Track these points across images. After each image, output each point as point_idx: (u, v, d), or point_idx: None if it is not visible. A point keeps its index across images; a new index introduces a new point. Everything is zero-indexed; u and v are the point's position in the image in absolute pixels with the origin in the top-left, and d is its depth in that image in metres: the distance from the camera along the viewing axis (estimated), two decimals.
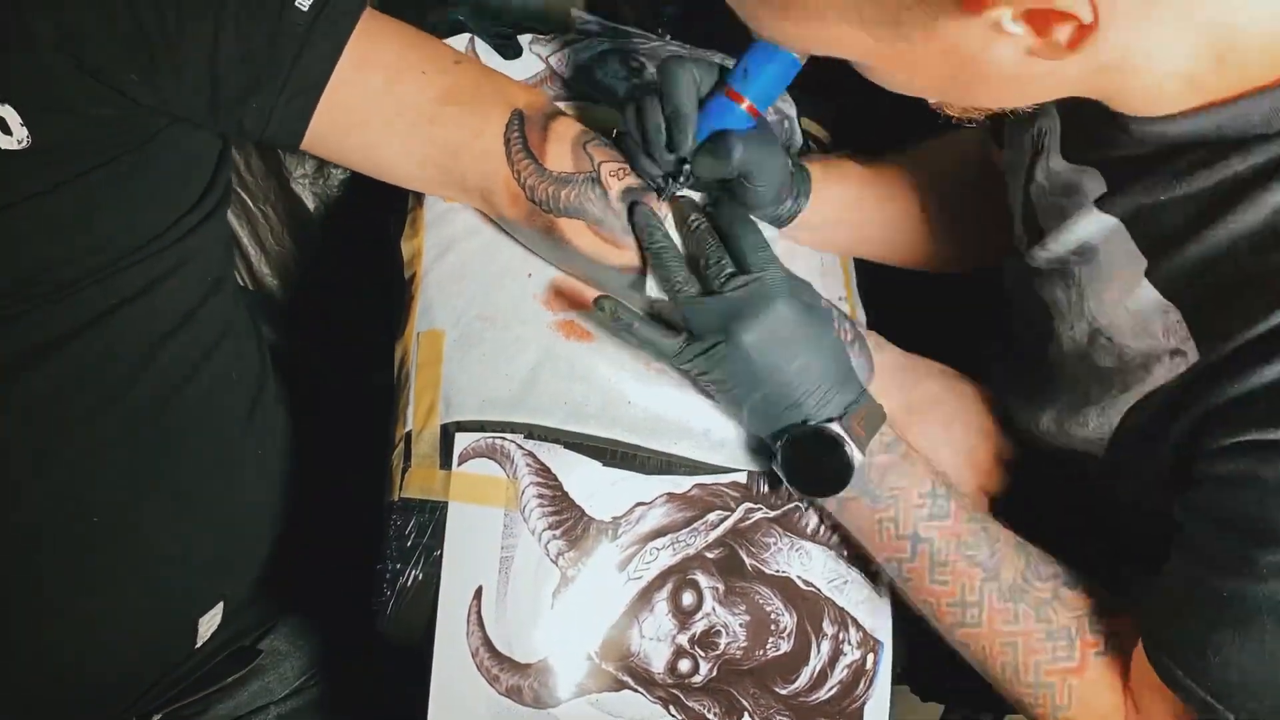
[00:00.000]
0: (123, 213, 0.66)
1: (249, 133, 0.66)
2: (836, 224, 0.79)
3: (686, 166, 0.69)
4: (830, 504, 0.69)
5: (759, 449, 0.72)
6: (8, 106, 0.59)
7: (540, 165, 0.69)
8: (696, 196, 0.73)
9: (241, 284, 0.94)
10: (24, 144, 0.60)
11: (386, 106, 0.67)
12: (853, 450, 0.64)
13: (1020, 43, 0.48)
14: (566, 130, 0.70)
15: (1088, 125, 0.58)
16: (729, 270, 0.66)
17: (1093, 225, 0.61)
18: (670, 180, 0.70)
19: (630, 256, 0.69)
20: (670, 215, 0.71)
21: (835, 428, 0.64)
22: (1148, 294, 0.58)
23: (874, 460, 0.66)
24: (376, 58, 0.66)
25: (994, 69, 0.50)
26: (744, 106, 0.67)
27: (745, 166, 0.68)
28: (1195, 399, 0.55)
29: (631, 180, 0.69)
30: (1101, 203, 0.60)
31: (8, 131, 0.59)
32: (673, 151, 0.68)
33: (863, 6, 0.49)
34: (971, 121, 0.58)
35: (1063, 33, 0.47)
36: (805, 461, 0.66)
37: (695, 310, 0.66)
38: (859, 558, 0.73)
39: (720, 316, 0.65)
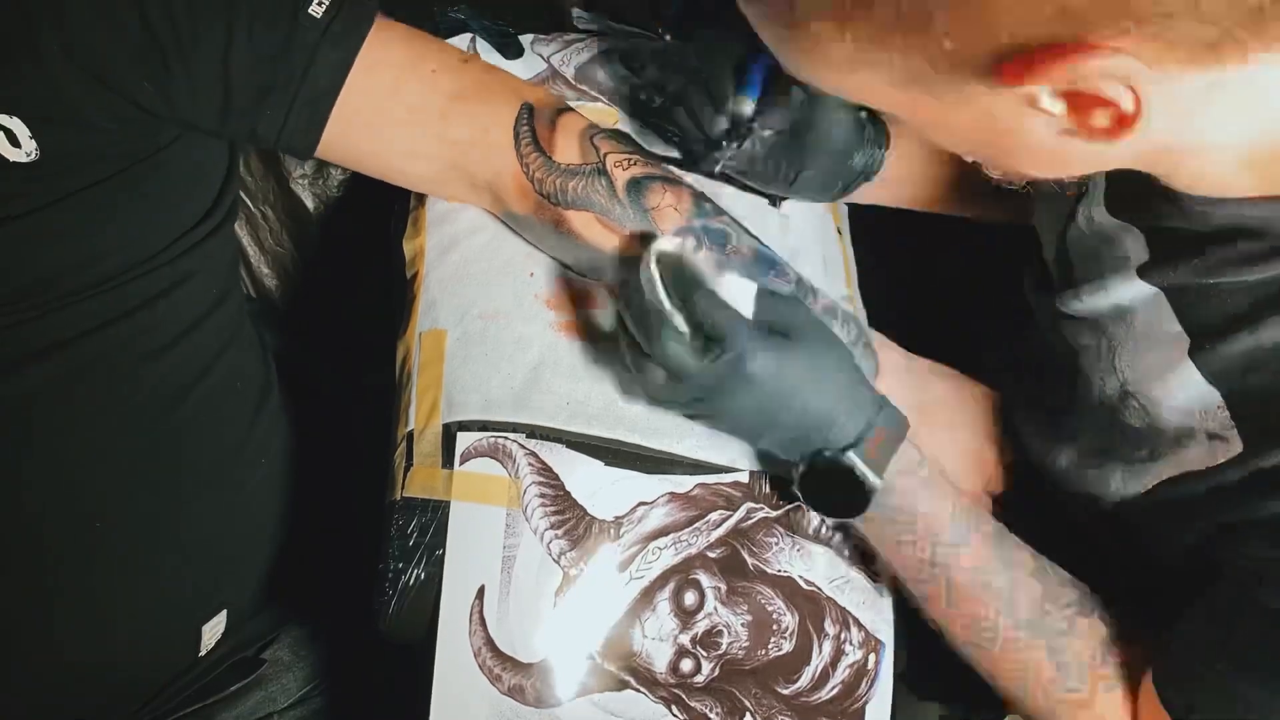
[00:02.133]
0: (130, 226, 0.66)
1: (263, 140, 0.66)
2: (921, 179, 0.78)
3: (741, 129, 0.69)
4: (855, 522, 0.67)
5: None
6: (15, 119, 0.58)
7: (548, 158, 0.69)
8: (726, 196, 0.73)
9: (244, 290, 0.93)
10: (32, 156, 0.59)
11: (398, 107, 0.67)
12: (869, 476, 0.63)
13: (1057, 121, 0.45)
14: (573, 123, 0.70)
15: (1135, 187, 0.55)
16: (701, 344, 0.61)
17: (1133, 291, 0.59)
18: (722, 145, 0.70)
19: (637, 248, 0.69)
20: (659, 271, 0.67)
21: (850, 457, 0.62)
22: (1189, 374, 0.56)
23: (893, 484, 0.64)
24: (386, 60, 0.66)
25: (1031, 141, 0.47)
26: None
27: (809, 109, 0.67)
28: (1244, 500, 0.54)
29: (637, 170, 0.70)
30: (1144, 272, 0.58)
31: (16, 144, 0.59)
32: (719, 110, 0.68)
33: (891, 66, 0.45)
34: (1011, 185, 0.56)
35: (1102, 118, 0.43)
36: (823, 488, 0.64)
37: (678, 391, 0.62)
38: (861, 558, 0.73)
39: (704, 390, 0.61)
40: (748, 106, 0.70)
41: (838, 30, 0.45)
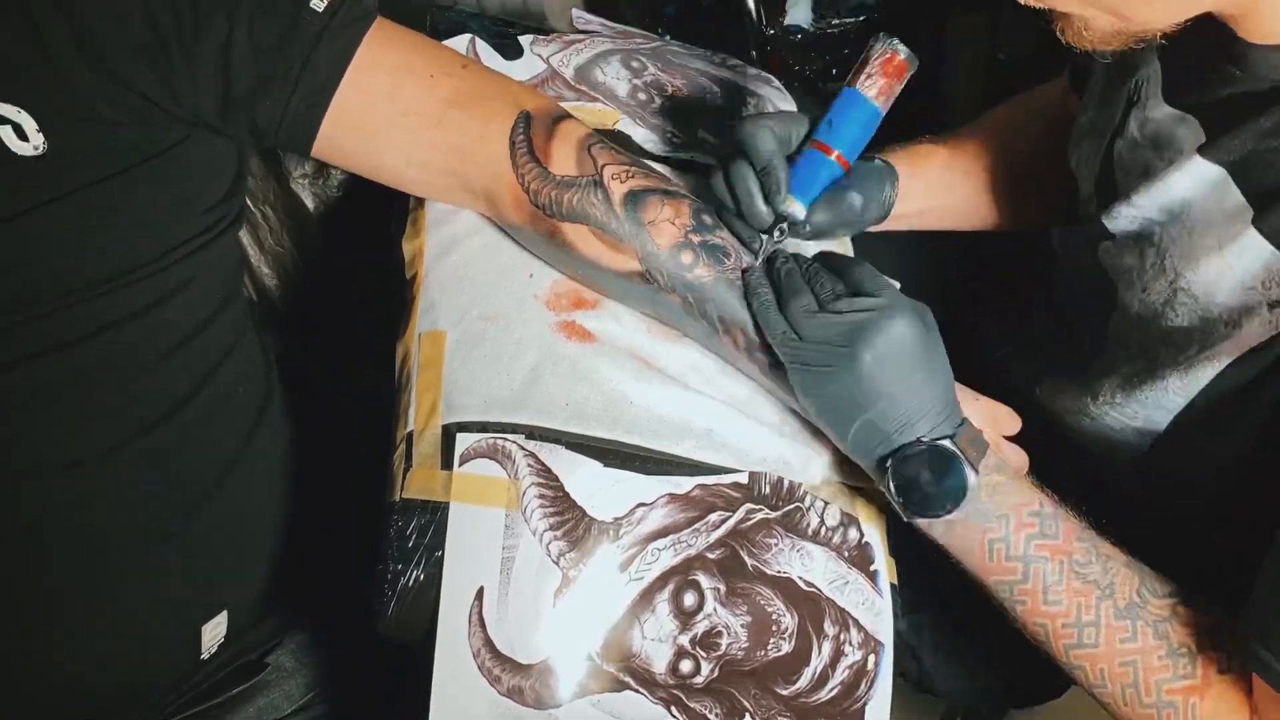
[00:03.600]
0: (136, 225, 0.66)
1: (262, 134, 0.66)
2: (925, 211, 0.81)
3: (783, 225, 0.70)
4: (938, 527, 0.67)
5: (764, 454, 0.71)
6: (24, 113, 0.59)
7: (544, 169, 0.68)
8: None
9: (246, 294, 0.93)
10: (40, 150, 0.59)
11: (393, 110, 0.67)
12: (967, 469, 0.63)
13: None
14: (572, 132, 0.70)
15: (1196, 64, 0.57)
16: (846, 293, 0.65)
17: (1192, 177, 0.60)
18: (768, 236, 0.71)
19: (631, 262, 0.69)
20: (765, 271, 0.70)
21: (951, 445, 0.63)
22: (1253, 242, 0.56)
23: (985, 480, 0.65)
24: (384, 61, 0.66)
25: None
26: (834, 157, 0.70)
27: (835, 219, 0.69)
28: None
29: (635, 183, 0.69)
30: (1204, 151, 0.59)
31: (24, 138, 0.59)
32: (770, 204, 0.69)
33: None
34: (1103, 55, 0.57)
35: None
36: (919, 480, 0.64)
37: (813, 325, 0.65)
38: (860, 559, 0.73)
39: (840, 332, 0.63)
40: (798, 210, 0.71)
41: None
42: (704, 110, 0.89)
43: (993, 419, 0.72)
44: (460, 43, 0.84)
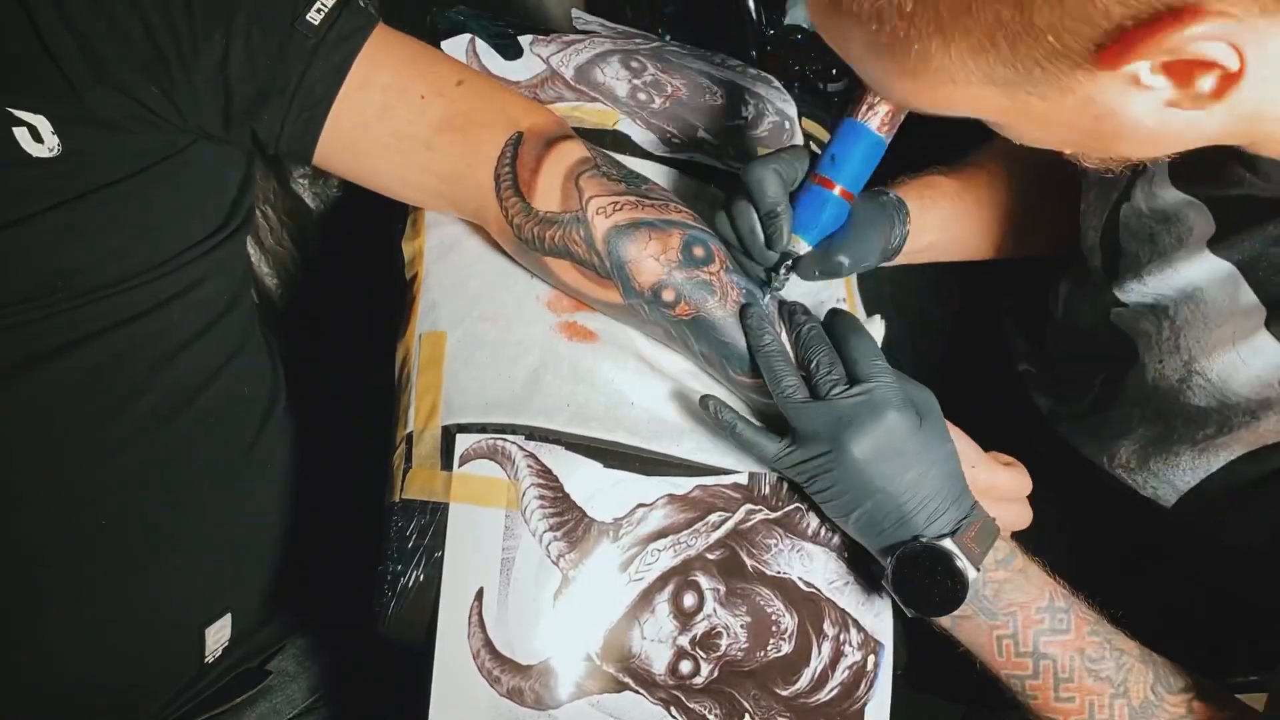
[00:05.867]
0: (148, 226, 0.66)
1: (264, 145, 0.67)
2: (935, 245, 0.80)
3: (788, 262, 0.70)
4: (945, 622, 0.66)
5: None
6: (40, 117, 0.59)
7: (528, 205, 0.68)
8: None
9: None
10: (54, 152, 0.60)
11: (384, 132, 0.67)
12: (967, 567, 0.62)
13: (1159, 95, 0.46)
14: (561, 160, 0.69)
15: (1205, 158, 0.55)
16: (840, 378, 0.64)
17: (1203, 268, 0.59)
18: (772, 276, 0.70)
19: (614, 295, 0.69)
20: (778, 315, 0.70)
21: (948, 544, 0.62)
22: (1267, 345, 0.56)
23: (989, 576, 0.64)
24: (378, 79, 0.66)
25: (1132, 122, 0.48)
26: (836, 192, 0.69)
27: (851, 263, 0.68)
28: None
29: (621, 217, 0.68)
30: (1214, 245, 0.58)
31: (39, 139, 0.59)
32: (772, 249, 0.69)
33: (994, 68, 0.47)
34: (1109, 172, 0.56)
35: (1206, 82, 0.45)
36: (917, 579, 0.64)
37: (803, 415, 0.64)
38: (860, 560, 0.73)
39: (829, 424, 0.63)
40: (801, 247, 0.70)
41: (943, 46, 0.46)
42: (704, 111, 0.89)
43: (990, 487, 0.69)
44: (460, 43, 0.83)
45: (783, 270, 0.71)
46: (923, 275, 0.85)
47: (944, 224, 0.80)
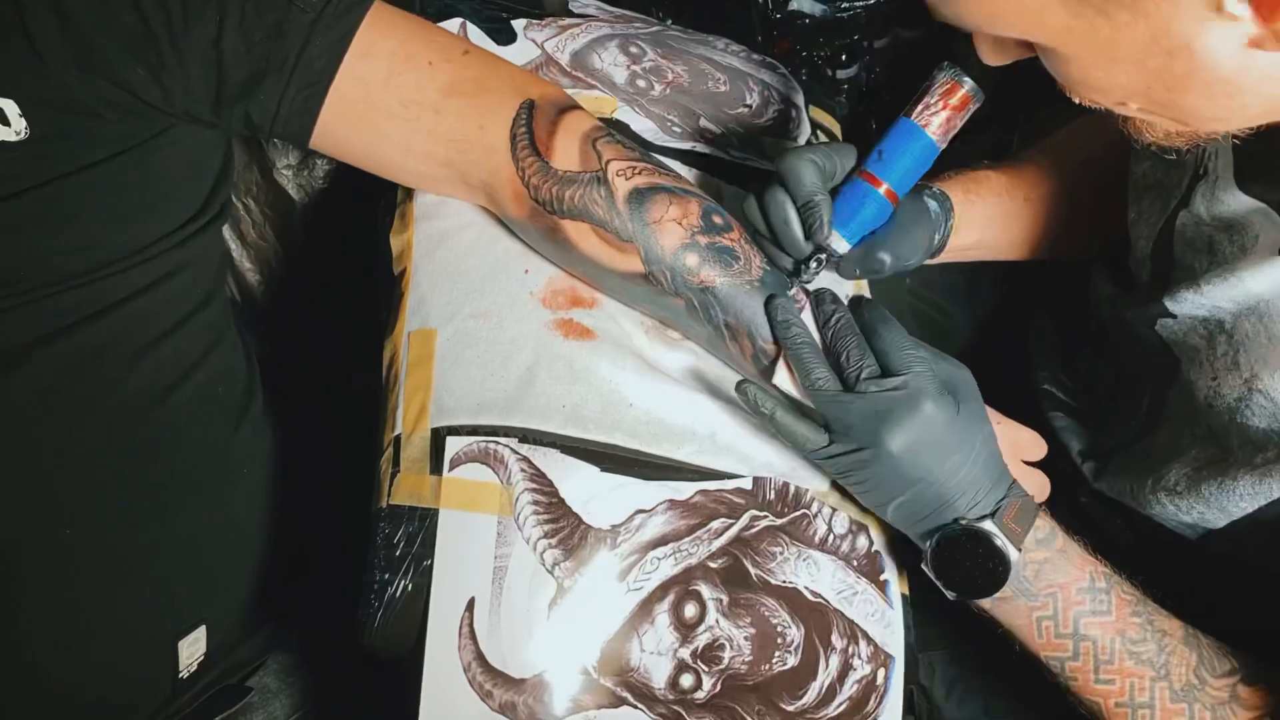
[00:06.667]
0: (118, 215, 0.65)
1: (258, 128, 0.66)
2: (980, 244, 0.79)
3: (822, 255, 0.68)
4: (985, 603, 0.66)
5: (770, 459, 0.70)
6: (8, 99, 0.58)
7: (545, 163, 0.67)
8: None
9: (228, 291, 0.92)
10: (21, 135, 0.59)
11: (390, 98, 0.67)
12: (1008, 549, 0.62)
13: (1241, 29, 0.44)
14: (577, 125, 0.69)
15: (1272, 154, 0.54)
16: (873, 370, 0.64)
17: (1272, 278, 0.57)
18: (802, 269, 0.69)
19: (634, 262, 0.68)
20: (806, 304, 0.69)
21: (989, 526, 0.63)
22: None
23: (1029, 556, 0.64)
24: (382, 48, 0.66)
25: (1208, 63, 0.46)
26: (882, 191, 0.67)
27: (894, 261, 0.67)
28: None
29: (641, 180, 0.68)
30: None
31: (6, 123, 0.59)
32: (809, 239, 0.67)
33: None
34: (1173, 152, 0.54)
35: None
36: (958, 562, 0.64)
37: (837, 409, 0.64)
38: (870, 568, 0.73)
39: (865, 418, 0.63)
40: (841, 245, 0.69)
41: None
42: (706, 98, 0.88)
43: (1014, 445, 0.70)
44: (451, 27, 0.83)
45: (813, 264, 0.69)
46: (945, 277, 0.83)
47: (990, 221, 0.79)
